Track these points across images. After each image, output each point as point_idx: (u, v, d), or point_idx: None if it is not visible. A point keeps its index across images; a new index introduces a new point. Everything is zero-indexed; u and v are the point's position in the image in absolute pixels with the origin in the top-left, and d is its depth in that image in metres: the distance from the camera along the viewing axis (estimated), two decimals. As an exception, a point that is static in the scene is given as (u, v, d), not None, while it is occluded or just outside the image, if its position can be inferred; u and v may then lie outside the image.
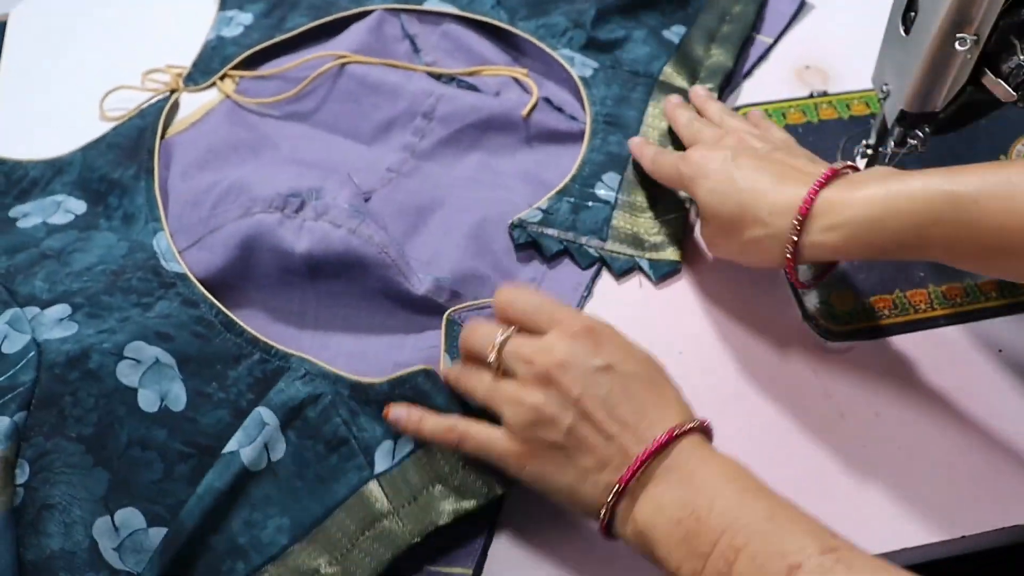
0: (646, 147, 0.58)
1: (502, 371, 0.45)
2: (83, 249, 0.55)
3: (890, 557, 0.48)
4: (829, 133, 0.64)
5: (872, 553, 0.47)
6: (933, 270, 0.57)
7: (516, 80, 0.66)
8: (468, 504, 0.46)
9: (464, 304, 0.54)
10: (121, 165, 0.60)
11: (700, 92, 0.62)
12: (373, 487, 0.47)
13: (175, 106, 0.65)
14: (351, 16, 0.68)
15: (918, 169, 0.46)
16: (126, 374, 0.48)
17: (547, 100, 0.64)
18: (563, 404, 0.42)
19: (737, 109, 0.65)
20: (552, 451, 0.42)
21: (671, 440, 0.41)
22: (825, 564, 0.36)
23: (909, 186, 0.44)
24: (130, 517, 0.45)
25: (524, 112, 0.63)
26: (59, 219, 0.58)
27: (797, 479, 0.50)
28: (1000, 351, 0.54)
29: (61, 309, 0.51)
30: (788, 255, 0.47)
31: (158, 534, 0.45)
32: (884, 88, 0.53)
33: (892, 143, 0.54)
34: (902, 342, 0.55)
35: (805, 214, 0.46)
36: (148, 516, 0.45)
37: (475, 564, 0.46)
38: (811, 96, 0.66)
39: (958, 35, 0.45)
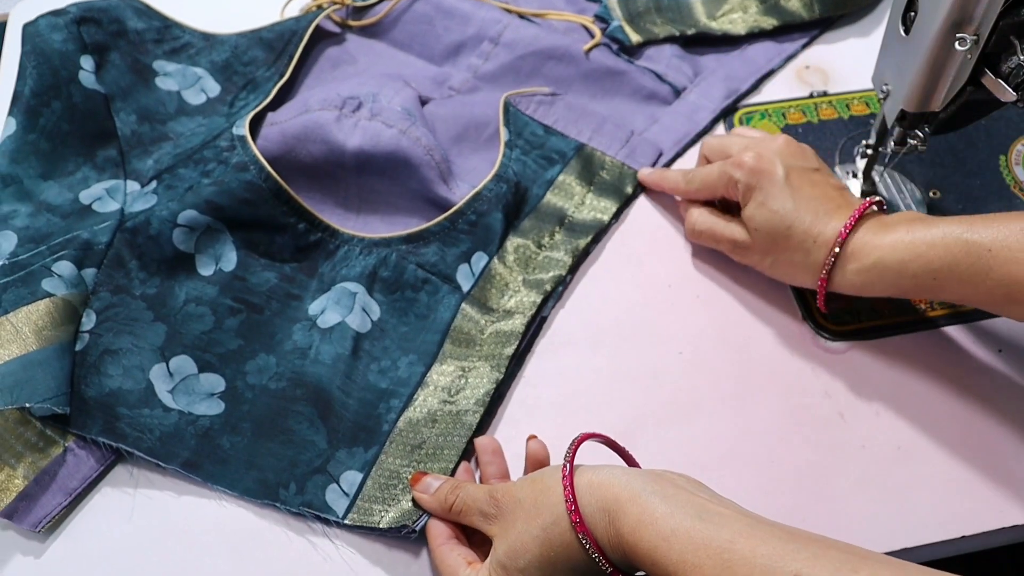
0: (664, 173, 0.60)
1: None
2: (197, 134, 0.60)
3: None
4: (829, 133, 0.64)
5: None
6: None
7: (586, 28, 0.69)
8: (561, 269, 0.56)
9: (522, 90, 0.63)
10: (264, 65, 0.64)
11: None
12: (468, 307, 0.54)
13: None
14: None
15: (941, 216, 0.48)
16: (181, 240, 0.53)
17: (607, 45, 0.68)
18: None
19: (737, 111, 0.65)
20: None
21: None
22: None
23: (931, 232, 0.47)
24: (183, 364, 0.51)
25: (585, 47, 0.66)
26: (192, 98, 0.62)
27: (797, 479, 0.50)
28: (1000, 351, 0.54)
29: (152, 185, 0.56)
30: (819, 284, 0.51)
31: (207, 379, 0.51)
32: (884, 88, 0.53)
33: (892, 143, 0.54)
34: (902, 342, 0.55)
35: (838, 254, 0.49)
36: (199, 363, 0.51)
37: None
38: (811, 96, 0.66)
39: (958, 35, 0.45)
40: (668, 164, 0.62)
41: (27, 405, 0.46)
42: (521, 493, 0.42)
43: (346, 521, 0.47)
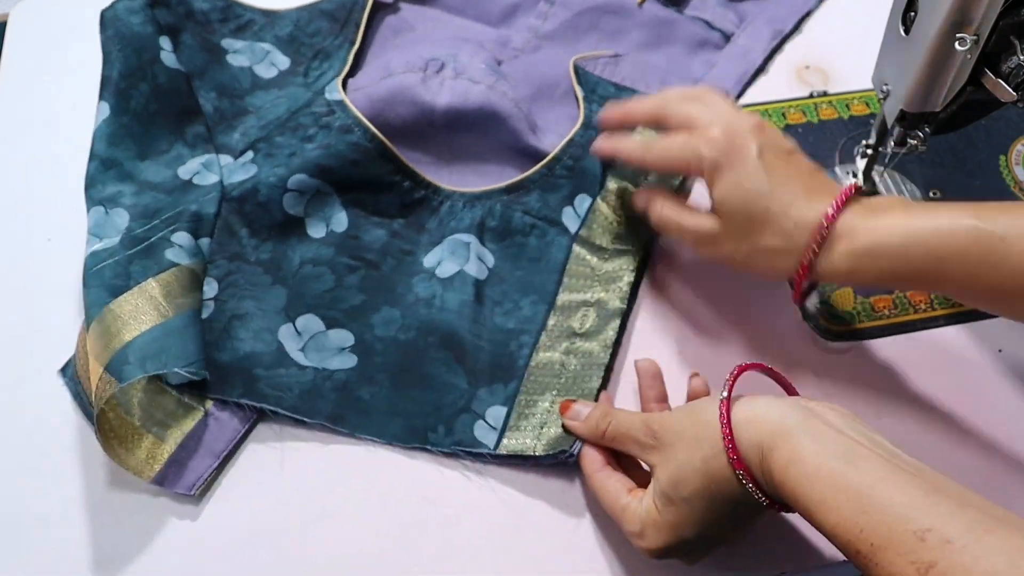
0: (621, 140, 0.54)
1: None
2: (278, 105, 0.62)
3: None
4: (829, 133, 0.64)
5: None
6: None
7: None
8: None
9: (590, 53, 0.66)
10: (331, 35, 0.66)
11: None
12: (578, 247, 0.56)
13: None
14: None
15: (938, 202, 0.46)
16: (291, 205, 0.55)
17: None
18: None
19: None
20: None
21: None
22: None
23: (935, 218, 0.44)
24: (310, 323, 0.53)
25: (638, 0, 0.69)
26: (264, 72, 0.64)
27: (797, 479, 0.50)
28: (1000, 351, 0.54)
29: (247, 156, 0.58)
30: (799, 272, 0.47)
31: (336, 335, 0.52)
32: (884, 88, 0.53)
33: (892, 143, 0.53)
34: (902, 342, 0.55)
35: (826, 235, 0.45)
36: (326, 320, 0.53)
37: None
38: (811, 96, 0.66)
39: (958, 35, 0.45)
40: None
41: (173, 371, 0.47)
42: (679, 425, 0.43)
43: (499, 451, 0.49)
